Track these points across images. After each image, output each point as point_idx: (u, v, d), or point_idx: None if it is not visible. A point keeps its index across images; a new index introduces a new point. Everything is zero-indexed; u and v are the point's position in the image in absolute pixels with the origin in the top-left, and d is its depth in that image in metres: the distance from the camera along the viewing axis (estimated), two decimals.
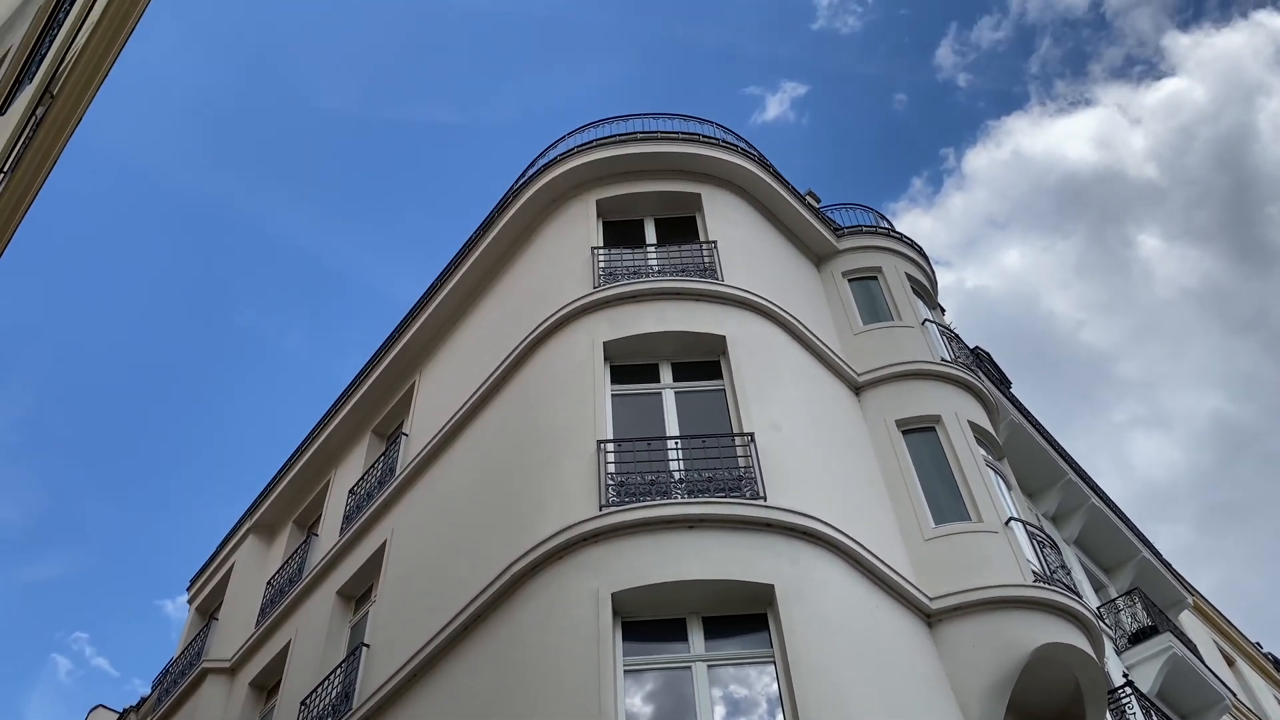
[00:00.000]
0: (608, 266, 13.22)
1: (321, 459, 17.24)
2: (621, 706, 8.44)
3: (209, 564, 19.48)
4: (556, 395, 11.73)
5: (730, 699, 8.74)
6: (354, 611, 13.62)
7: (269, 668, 14.57)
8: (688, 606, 9.25)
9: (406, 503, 13.26)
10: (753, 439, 10.62)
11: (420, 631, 10.74)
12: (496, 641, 9.64)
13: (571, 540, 9.64)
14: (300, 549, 16.11)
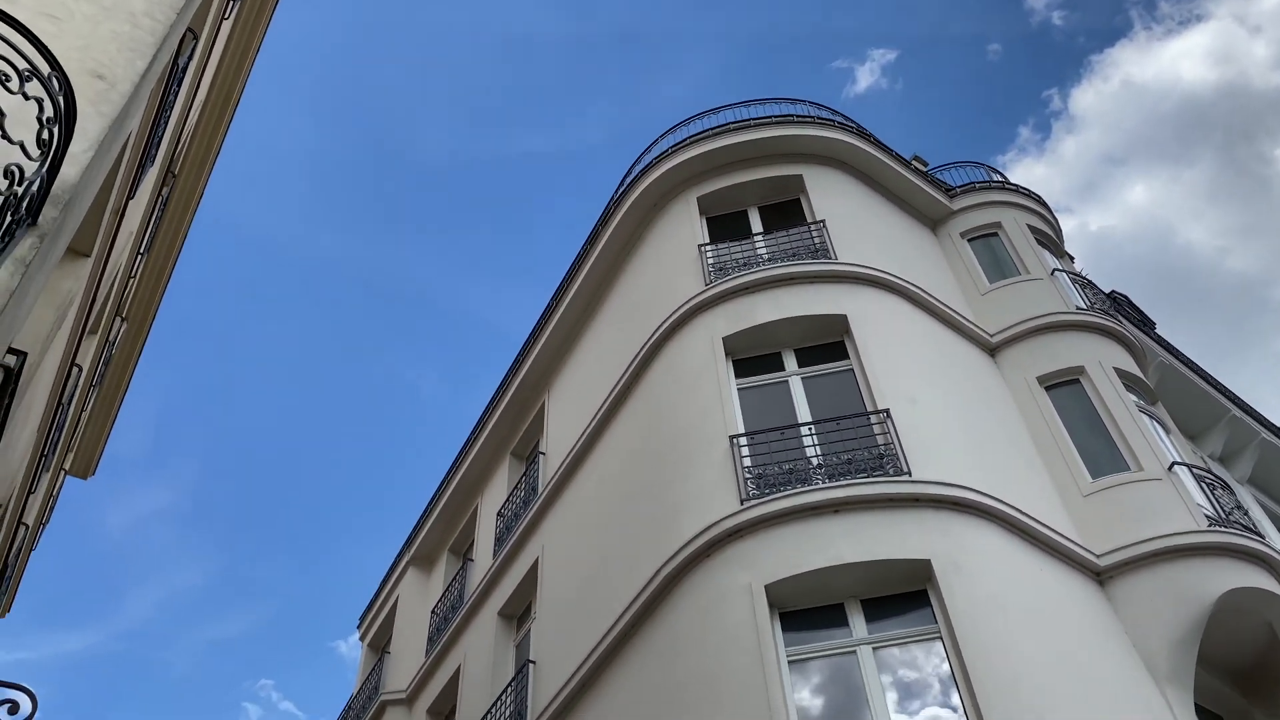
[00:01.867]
0: (716, 262, 13.17)
1: (467, 487, 17.71)
2: (791, 699, 8.36)
3: (375, 600, 20.22)
4: (682, 396, 11.74)
5: (901, 683, 8.56)
6: (516, 630, 13.92)
7: (443, 694, 15.01)
8: (844, 591, 9.11)
9: (552, 519, 13.48)
10: (889, 415, 10.40)
11: (582, 643, 10.89)
12: (657, 645, 9.69)
13: (716, 537, 9.63)
14: (458, 576, 16.56)
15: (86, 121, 5.26)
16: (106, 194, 7.05)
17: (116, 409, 16.82)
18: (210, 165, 13.95)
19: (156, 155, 9.16)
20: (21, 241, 4.52)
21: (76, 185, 5.12)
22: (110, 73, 5.62)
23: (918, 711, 8.36)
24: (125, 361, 15.71)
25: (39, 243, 4.71)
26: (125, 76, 5.75)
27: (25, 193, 4.16)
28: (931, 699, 8.38)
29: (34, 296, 5.29)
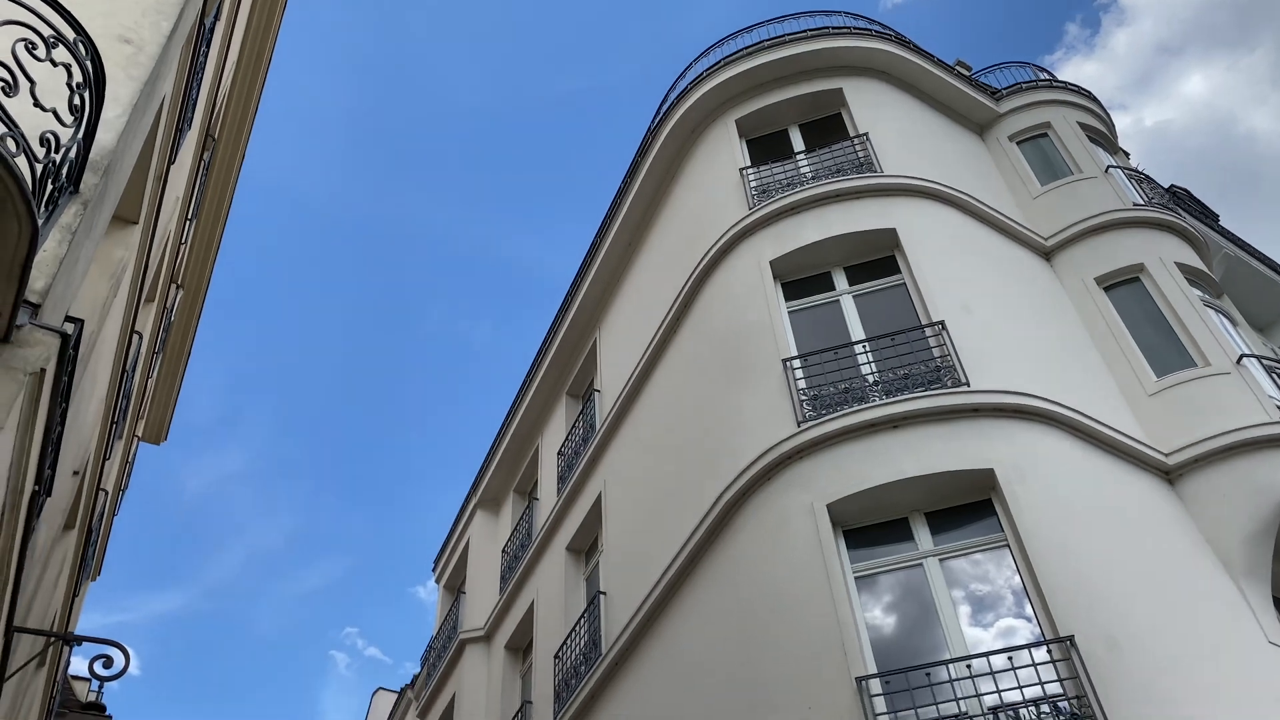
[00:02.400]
0: (759, 184, 12.98)
1: (526, 429, 17.91)
2: (860, 614, 8.41)
3: (447, 544, 20.69)
4: (733, 324, 11.68)
5: (971, 594, 8.55)
6: (585, 564, 14.14)
7: (519, 630, 15.37)
8: (907, 505, 9.09)
9: (611, 454, 13.59)
10: (943, 326, 10.25)
11: (649, 573, 11.03)
12: (723, 569, 9.78)
13: (775, 461, 9.63)
14: (525, 515, 16.84)
15: (117, 86, 5.30)
16: (147, 160, 7.12)
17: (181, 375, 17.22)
18: (249, 127, 14.03)
19: (193, 119, 9.22)
20: (65, 209, 4.59)
21: (114, 151, 5.17)
22: (137, 36, 5.64)
23: (991, 624, 8.36)
24: (185, 328, 16.04)
25: (83, 210, 4.79)
26: (152, 39, 5.77)
27: (63, 160, 4.21)
28: (1004, 609, 8.36)
29: (84, 264, 5.39)
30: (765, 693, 8.44)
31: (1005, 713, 7.41)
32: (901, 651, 8.30)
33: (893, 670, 7.90)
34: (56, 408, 4.89)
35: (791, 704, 8.10)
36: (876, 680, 7.82)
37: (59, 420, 5.38)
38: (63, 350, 4.48)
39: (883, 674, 7.87)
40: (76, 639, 7.27)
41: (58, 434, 5.50)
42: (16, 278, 3.96)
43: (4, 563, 4.82)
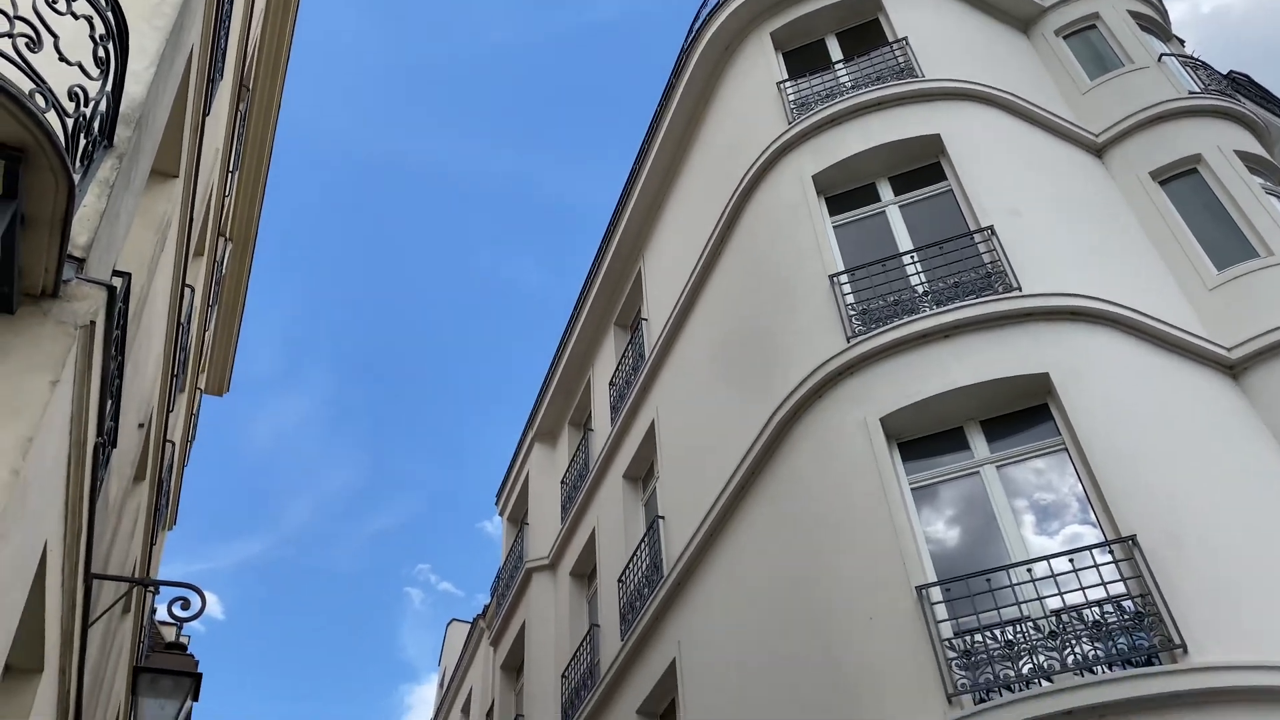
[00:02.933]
0: (798, 98, 12.70)
1: (577, 362, 18.03)
2: (917, 524, 8.41)
3: (508, 478, 21.04)
4: (777, 242, 11.55)
5: (1031, 500, 8.49)
6: (643, 490, 14.30)
7: (582, 557, 15.65)
8: (962, 414, 9.01)
9: (662, 381, 13.62)
10: (993, 231, 10.02)
11: (706, 495, 11.12)
12: (779, 488, 9.82)
13: (826, 377, 9.58)
14: (581, 446, 17.03)
15: (142, 38, 5.30)
16: (181, 112, 7.15)
17: (238, 327, 17.55)
18: (282, 74, 14.03)
19: (224, 68, 9.23)
20: (101, 164, 4.64)
21: (144, 103, 5.20)
22: None
23: (1051, 528, 8.31)
24: (237, 280, 16.30)
25: (118, 163, 4.83)
26: None
27: (93, 114, 4.24)
28: (1064, 513, 8.30)
29: (127, 219, 5.47)
30: (826, 605, 8.52)
31: (1069, 614, 7.40)
32: (961, 560, 8.30)
33: (953, 578, 7.91)
34: (111, 361, 5.01)
35: (852, 615, 8.17)
36: (937, 588, 7.84)
37: (116, 373, 5.51)
38: (110, 303, 4.56)
39: (943, 582, 7.88)
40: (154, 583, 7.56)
41: (116, 387, 5.64)
42: (59, 233, 4.02)
43: (75, 512, 4.99)
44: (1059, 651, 7.23)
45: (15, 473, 3.83)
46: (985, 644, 7.42)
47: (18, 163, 3.71)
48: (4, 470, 3.82)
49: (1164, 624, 7.07)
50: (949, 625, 7.63)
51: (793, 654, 8.79)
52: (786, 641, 8.94)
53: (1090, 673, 7.02)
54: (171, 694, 7.12)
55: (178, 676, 7.19)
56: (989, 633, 7.46)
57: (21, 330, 4.18)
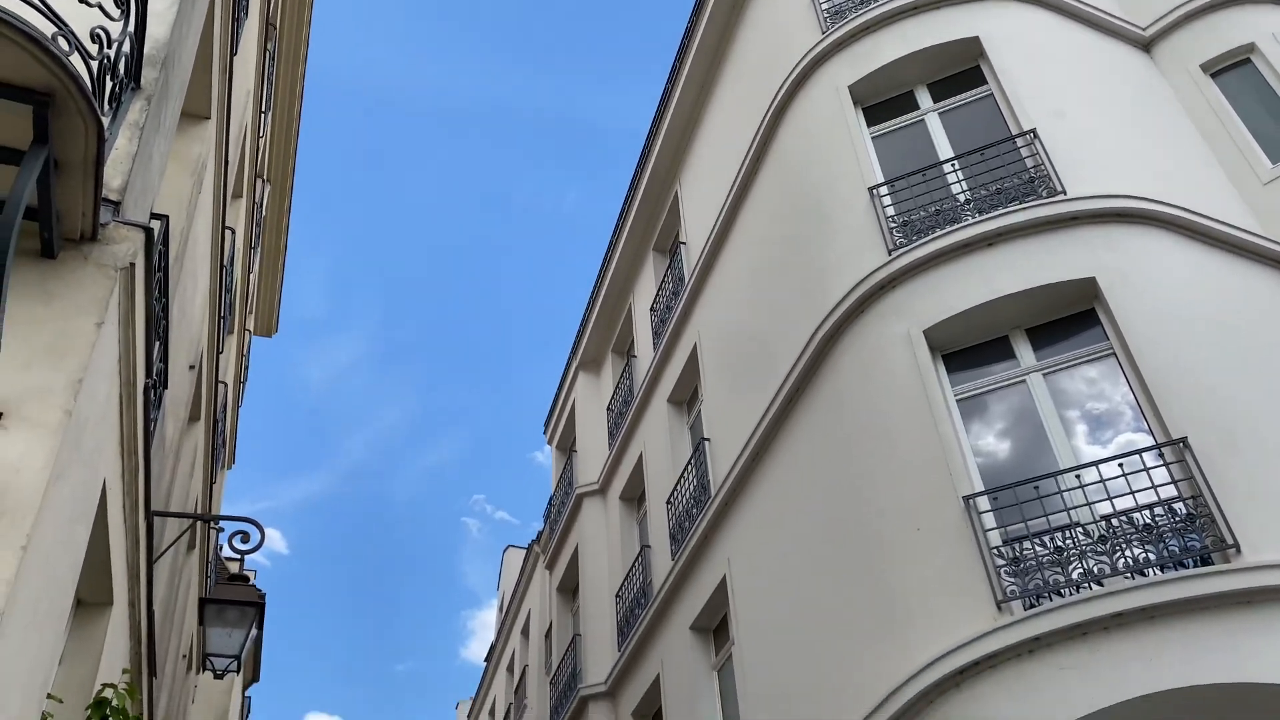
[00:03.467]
0: (831, 6, 12.35)
1: (617, 290, 18.01)
2: (963, 435, 8.37)
3: (554, 407, 21.25)
4: (815, 157, 11.34)
5: (1079, 407, 8.40)
6: (688, 413, 14.37)
7: (631, 481, 15.83)
8: (1006, 323, 8.88)
9: (703, 304, 13.58)
10: (1035, 135, 9.76)
11: (751, 414, 11.14)
12: (823, 405, 9.80)
13: (868, 292, 9.47)
14: (625, 373, 17.11)
15: None
16: (208, 52, 7.15)
17: (282, 267, 17.74)
18: (308, 11, 13.92)
19: (249, 6, 9.17)
20: (130, 106, 4.66)
21: (169, 43, 5.19)
22: None
23: (1100, 434, 8.23)
24: (278, 221, 16.42)
25: (147, 105, 4.85)
26: None
27: (118, 55, 4.24)
28: (1113, 418, 8.20)
29: (160, 161, 5.51)
30: (872, 518, 8.55)
31: (1119, 519, 7.36)
32: (1009, 469, 8.27)
33: (1000, 487, 7.89)
34: (155, 302, 5.09)
35: (899, 527, 8.19)
36: (984, 498, 7.82)
37: (161, 315, 5.61)
38: (149, 245, 4.62)
39: (990, 491, 7.87)
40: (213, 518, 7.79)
41: (162, 328, 5.75)
42: (92, 176, 4.07)
43: (131, 451, 5.13)
44: (1109, 556, 7.21)
45: (68, 413, 3.94)
46: (1034, 551, 7.42)
47: (46, 107, 3.73)
48: (57, 411, 3.92)
49: (1216, 524, 7.01)
50: (997, 534, 7.64)
51: (841, 566, 8.87)
52: (834, 554, 9.02)
53: (1141, 575, 7.01)
54: (237, 623, 7.39)
55: (242, 606, 7.45)
56: (1038, 540, 7.45)
57: (64, 275, 4.26)
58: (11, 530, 3.61)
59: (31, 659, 4.02)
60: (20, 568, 3.58)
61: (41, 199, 3.97)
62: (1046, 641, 6.90)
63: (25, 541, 3.62)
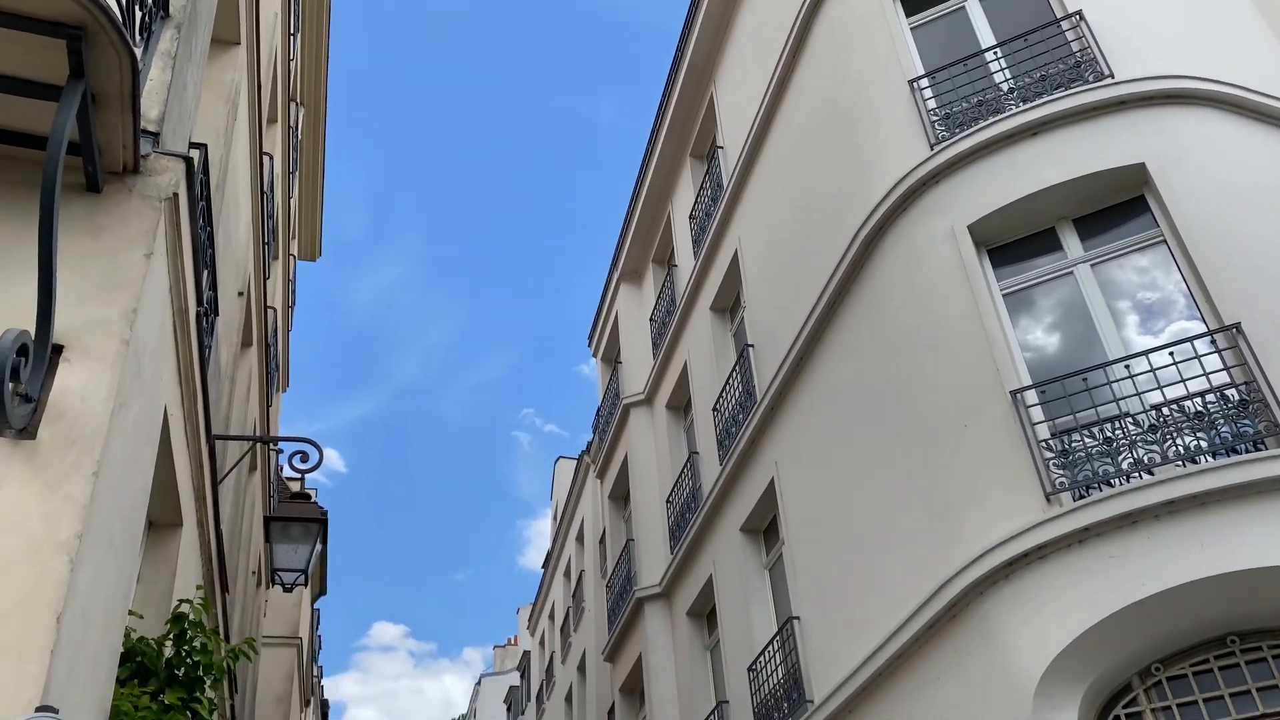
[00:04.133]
0: None
1: (655, 198, 17.86)
2: (1009, 330, 8.30)
3: (597, 320, 21.34)
4: (852, 51, 11.04)
5: (1129, 296, 8.26)
6: (731, 320, 14.37)
7: (677, 389, 15.95)
8: (1053, 214, 8.71)
9: (743, 209, 13.44)
10: (1081, 16, 9.41)
11: (794, 318, 11.12)
12: (867, 306, 9.74)
13: (910, 189, 9.31)
14: (666, 282, 17.09)
15: None
16: None
17: (321, 190, 17.81)
18: None
19: None
20: (160, 35, 4.66)
21: None
22: None
23: (1151, 323, 8.12)
24: (314, 144, 16.43)
25: (178, 33, 4.85)
26: None
27: None
28: (1163, 307, 8.07)
29: (194, 90, 5.52)
30: (920, 416, 8.56)
31: (1169, 408, 7.30)
32: (1057, 362, 8.21)
33: (1048, 380, 7.84)
34: (200, 231, 5.17)
35: (947, 423, 8.20)
36: (1032, 391, 7.79)
37: (207, 243, 5.69)
38: (190, 174, 4.67)
39: (1038, 384, 7.83)
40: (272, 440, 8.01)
41: (209, 256, 5.85)
42: (129, 108, 4.10)
43: (188, 378, 5.27)
44: (1160, 445, 7.18)
45: (125, 343, 4.05)
46: (1083, 443, 7.41)
47: (79, 41, 3.75)
48: (115, 342, 4.04)
49: (1270, 409, 6.93)
50: (1045, 427, 7.62)
51: (889, 465, 8.93)
52: (882, 453, 9.07)
53: (1193, 463, 6.98)
54: (302, 539, 7.66)
55: (306, 523, 7.71)
56: (1086, 431, 7.43)
57: (110, 208, 4.33)
58: (83, 457, 3.75)
59: (112, 578, 4.22)
60: (94, 492, 3.73)
61: (82, 133, 4.01)
62: (1096, 531, 6.94)
63: (96, 468, 3.77)
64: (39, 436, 3.76)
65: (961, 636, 7.55)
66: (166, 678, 5.04)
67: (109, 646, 4.30)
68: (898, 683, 8.36)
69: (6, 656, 3.36)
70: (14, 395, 3.56)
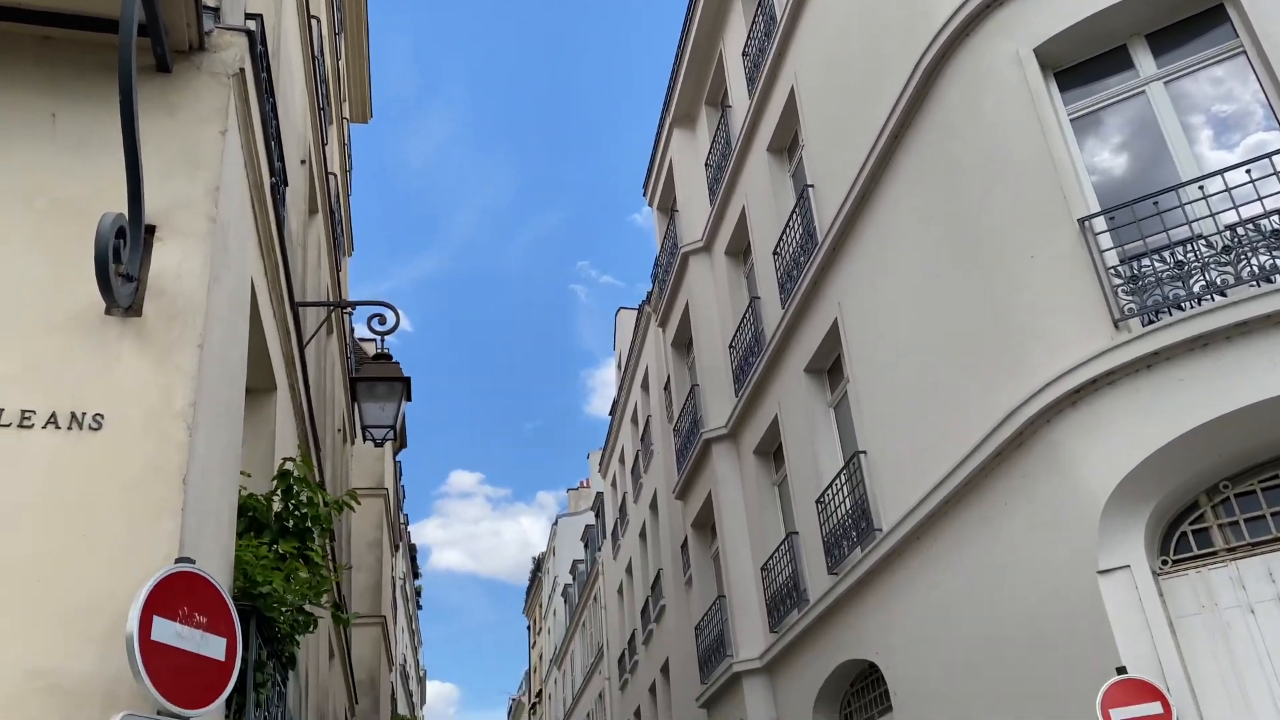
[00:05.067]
0: None
1: (705, 36, 17.32)
2: (1078, 155, 8.10)
3: (652, 167, 21.11)
4: None
5: (1205, 113, 7.97)
6: (789, 161, 14.15)
7: (735, 234, 15.89)
8: (1124, 30, 8.34)
9: (798, 44, 13.01)
10: None
11: (855, 155, 10.92)
12: (931, 137, 9.53)
13: (973, 12, 8.92)
14: (720, 125, 16.77)
15: None
16: None
17: (367, 50, 17.59)
18: None
19: None
20: None
21: None
22: None
23: (1227, 141, 7.85)
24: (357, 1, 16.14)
25: None
26: None
27: None
28: (1241, 124, 7.79)
29: None
30: (985, 248, 8.49)
31: (1245, 227, 7.15)
32: (1128, 187, 8.04)
33: (1117, 205, 7.70)
34: (265, 102, 5.25)
35: (1014, 254, 8.14)
36: (1100, 218, 7.67)
37: (272, 114, 5.78)
38: (252, 47, 4.72)
39: (1106, 211, 7.69)
40: (350, 304, 8.27)
41: (275, 127, 5.94)
42: None
43: (269, 249, 5.46)
44: (1234, 265, 7.07)
45: (212, 220, 4.22)
46: (1153, 267, 7.33)
47: None
48: (202, 219, 4.20)
49: None
50: (1114, 253, 7.54)
51: (954, 298, 8.93)
52: (948, 287, 9.07)
53: (1268, 282, 6.88)
54: (387, 397, 7.99)
55: (390, 382, 8.03)
56: (1157, 256, 7.34)
57: (181, 87, 4.42)
58: (187, 330, 3.99)
59: (223, 441, 4.52)
60: (200, 363, 3.98)
61: (148, 13, 4.07)
62: (1165, 355, 6.95)
63: (200, 340, 4.00)
64: (144, 314, 3.99)
65: (1028, 464, 7.72)
66: (278, 530, 5.43)
67: (227, 504, 4.65)
68: (965, 510, 8.63)
69: (145, 517, 3.68)
70: (117, 275, 3.77)
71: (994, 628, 8.21)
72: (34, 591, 3.51)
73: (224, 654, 3.56)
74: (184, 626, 3.40)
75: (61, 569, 3.55)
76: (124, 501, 3.68)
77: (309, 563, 5.35)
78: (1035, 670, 7.60)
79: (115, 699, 3.38)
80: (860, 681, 11.63)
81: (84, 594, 3.53)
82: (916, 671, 9.62)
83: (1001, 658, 8.10)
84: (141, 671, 3.20)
